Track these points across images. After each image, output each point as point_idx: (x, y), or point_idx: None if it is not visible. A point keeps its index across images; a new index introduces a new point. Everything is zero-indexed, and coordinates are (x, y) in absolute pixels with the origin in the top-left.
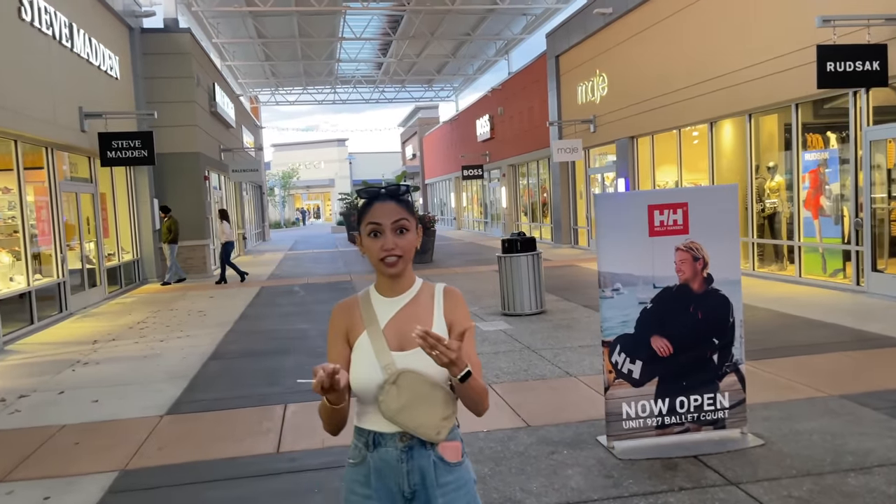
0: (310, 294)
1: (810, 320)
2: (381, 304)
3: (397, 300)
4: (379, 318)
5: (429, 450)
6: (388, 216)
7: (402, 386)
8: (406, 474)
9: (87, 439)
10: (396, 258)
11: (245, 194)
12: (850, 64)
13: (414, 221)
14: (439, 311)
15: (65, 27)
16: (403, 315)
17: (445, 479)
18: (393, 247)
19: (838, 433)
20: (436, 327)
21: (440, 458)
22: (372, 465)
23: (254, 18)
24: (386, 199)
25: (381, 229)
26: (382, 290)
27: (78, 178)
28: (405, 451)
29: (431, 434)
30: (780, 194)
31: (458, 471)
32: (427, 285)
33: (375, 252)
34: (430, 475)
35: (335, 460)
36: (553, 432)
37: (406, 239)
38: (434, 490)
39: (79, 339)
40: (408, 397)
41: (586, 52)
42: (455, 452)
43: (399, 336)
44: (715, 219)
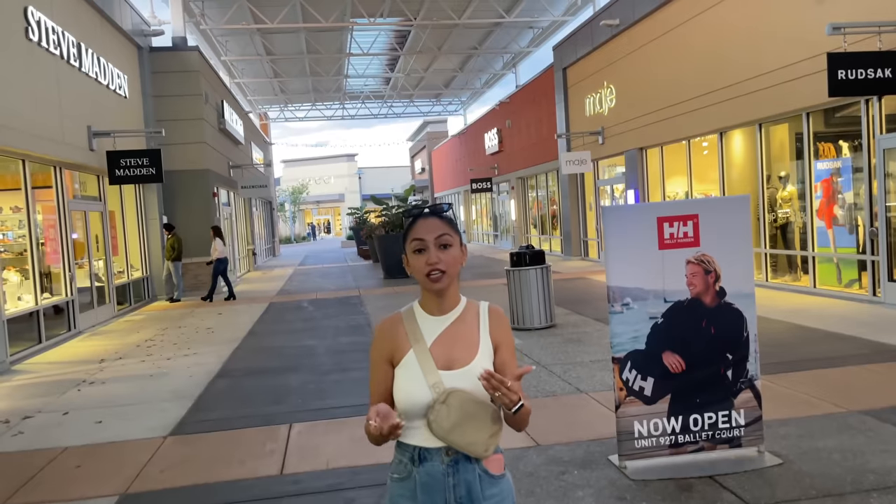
0: (318, 310)
1: (827, 332)
2: (426, 322)
3: (444, 319)
4: (425, 336)
5: (474, 463)
6: (432, 232)
7: (453, 405)
8: (452, 488)
9: (88, 462)
10: (441, 273)
11: (255, 210)
12: (862, 71)
13: (457, 238)
14: (485, 330)
15: (73, 47)
16: (450, 334)
17: (491, 492)
18: (437, 261)
19: (859, 451)
20: (482, 346)
21: (485, 471)
22: (418, 479)
23: (262, 36)
24: (429, 216)
25: (425, 245)
26: (428, 308)
27: (87, 197)
28: (451, 465)
29: (480, 451)
30: (793, 204)
31: (502, 483)
32: (472, 304)
33: (420, 268)
34: (476, 489)
35: (340, 482)
36: (563, 452)
37: (450, 254)
38: (480, 503)
39: (86, 358)
40: (458, 416)
41: (594, 64)
42: (499, 465)
43: (446, 355)
44: (727, 230)
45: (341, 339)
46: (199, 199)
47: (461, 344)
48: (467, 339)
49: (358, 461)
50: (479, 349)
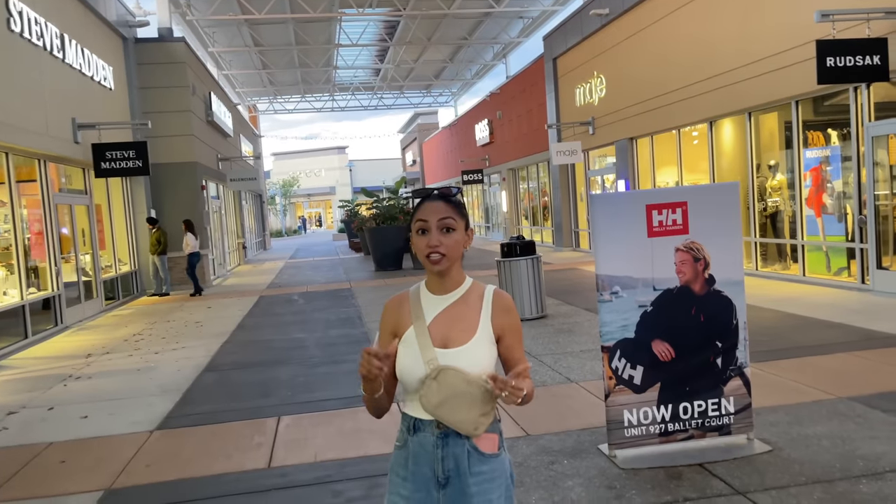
0: (309, 303)
1: (816, 320)
2: (429, 300)
3: (445, 298)
4: (426, 314)
5: (463, 439)
6: (435, 214)
7: (442, 382)
8: (441, 460)
9: (73, 457)
10: (441, 256)
11: (245, 203)
12: (851, 59)
13: (462, 223)
14: (486, 314)
15: (56, 38)
16: (450, 313)
17: (479, 469)
18: (437, 244)
19: (848, 437)
20: (481, 329)
21: (475, 447)
22: (411, 448)
23: (249, 27)
24: (436, 199)
25: (427, 227)
26: (431, 287)
27: (72, 190)
28: (441, 437)
29: (469, 429)
30: (782, 193)
31: (493, 462)
32: (477, 285)
33: (422, 249)
34: (464, 463)
35: (328, 475)
36: (553, 441)
37: (452, 238)
38: (467, 478)
39: (72, 352)
40: (447, 393)
41: (584, 54)
42: (491, 444)
43: (443, 333)
44: (716, 218)
45: (331, 332)
46: (188, 192)
47: (460, 324)
48: (467, 321)
49: (346, 454)
50: (477, 332)
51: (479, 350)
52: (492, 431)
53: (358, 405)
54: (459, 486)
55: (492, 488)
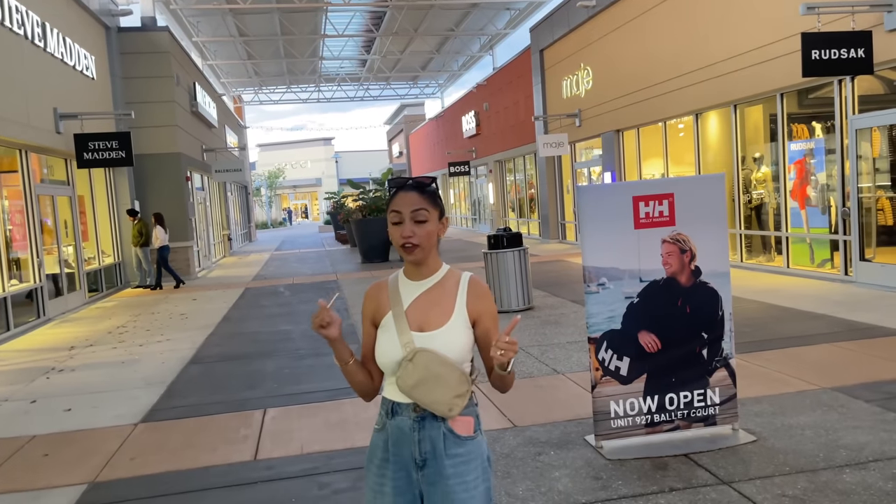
0: (294, 295)
1: (800, 311)
2: (406, 286)
3: (421, 284)
4: (403, 299)
5: (440, 422)
6: (409, 205)
7: (418, 364)
8: (418, 443)
9: (57, 450)
10: (413, 245)
11: (230, 195)
12: (836, 51)
13: (436, 213)
14: (462, 300)
15: (37, 26)
16: (426, 298)
17: (455, 451)
18: (410, 234)
19: (831, 427)
20: (456, 314)
21: (450, 430)
22: (390, 431)
23: (234, 16)
24: (410, 189)
25: (401, 218)
26: (409, 274)
27: (54, 181)
28: (417, 420)
29: (444, 410)
30: (767, 185)
31: (469, 444)
32: (453, 272)
33: (396, 239)
34: (440, 446)
35: (314, 467)
36: (540, 432)
37: (425, 228)
38: (444, 460)
39: (55, 345)
40: (422, 374)
41: (570, 46)
42: (466, 427)
43: (420, 317)
44: (702, 209)
45: None
46: (172, 183)
47: (436, 309)
48: (443, 306)
49: (332, 446)
50: (452, 316)
51: (455, 333)
52: (467, 414)
53: (344, 397)
54: (436, 467)
55: (468, 470)
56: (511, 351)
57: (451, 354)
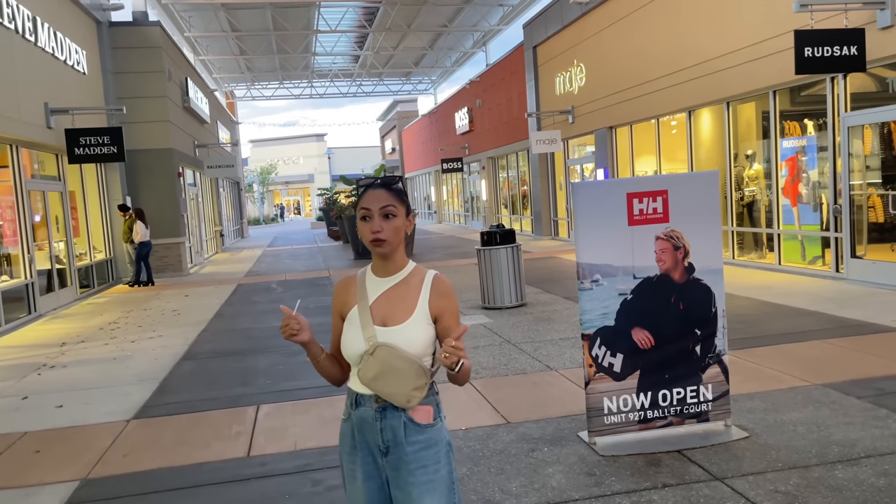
0: (287, 291)
1: (791, 308)
2: (373, 282)
3: (388, 280)
4: (369, 295)
5: (400, 412)
6: (377, 202)
7: (378, 357)
8: (380, 431)
9: (48, 447)
10: (382, 241)
11: (222, 191)
12: (828, 49)
13: (403, 209)
14: (425, 297)
15: (28, 21)
16: (391, 294)
17: (416, 438)
18: (379, 230)
19: (823, 423)
20: (418, 311)
21: (410, 419)
22: (355, 421)
23: (226, 11)
24: (378, 187)
25: (370, 214)
26: (376, 270)
27: (46, 176)
28: (379, 410)
29: (402, 401)
30: (759, 182)
31: (430, 431)
32: (419, 270)
33: (366, 234)
34: (401, 434)
35: (307, 464)
36: (533, 429)
37: (393, 224)
38: (405, 447)
39: (47, 341)
40: (381, 368)
41: (564, 43)
42: (426, 415)
43: (384, 312)
44: (696, 206)
45: (311, 321)
46: (164, 179)
47: (400, 305)
48: (406, 302)
49: (326, 442)
50: (414, 312)
51: (416, 329)
52: (427, 403)
53: (338, 393)
54: (398, 453)
55: (428, 455)
56: (455, 355)
57: (411, 349)
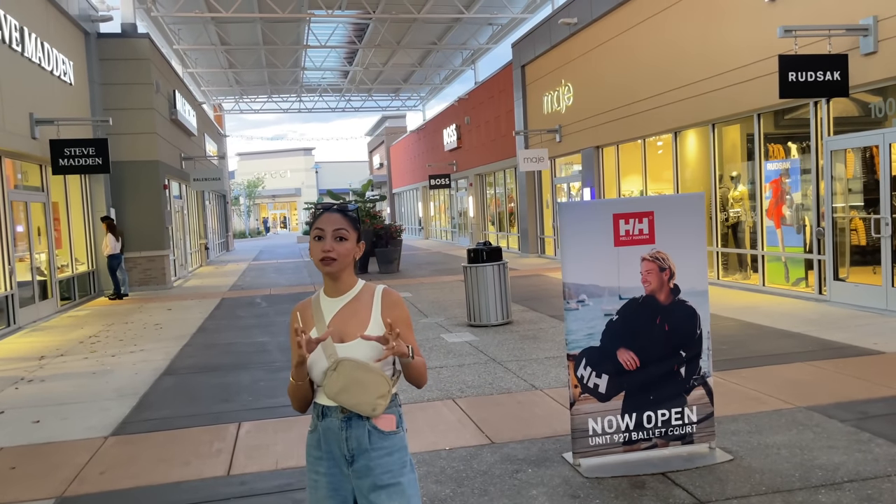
0: (272, 305)
1: (775, 329)
2: (326, 303)
3: (340, 299)
4: (325, 315)
5: (364, 421)
6: (331, 224)
7: (341, 372)
8: (345, 440)
9: (24, 463)
10: (332, 260)
11: (208, 203)
12: (812, 74)
13: (354, 234)
14: (377, 310)
15: (15, 31)
16: (345, 312)
17: (380, 444)
18: (330, 249)
19: (807, 446)
20: (372, 323)
21: (374, 427)
22: (321, 431)
23: (216, 25)
24: (334, 212)
25: (323, 234)
26: (328, 291)
27: (29, 187)
28: (345, 420)
29: (368, 410)
30: (744, 203)
31: (393, 439)
32: (368, 286)
33: (317, 253)
34: (365, 441)
35: (288, 483)
36: (518, 449)
37: (343, 246)
38: (369, 453)
39: (25, 354)
40: (345, 381)
41: (552, 62)
42: (389, 423)
43: (340, 329)
44: (681, 228)
45: None
46: (149, 191)
47: (354, 321)
48: (360, 317)
49: None
50: (368, 325)
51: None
52: (390, 413)
53: None
54: (364, 460)
55: (392, 461)
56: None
57: (369, 360)
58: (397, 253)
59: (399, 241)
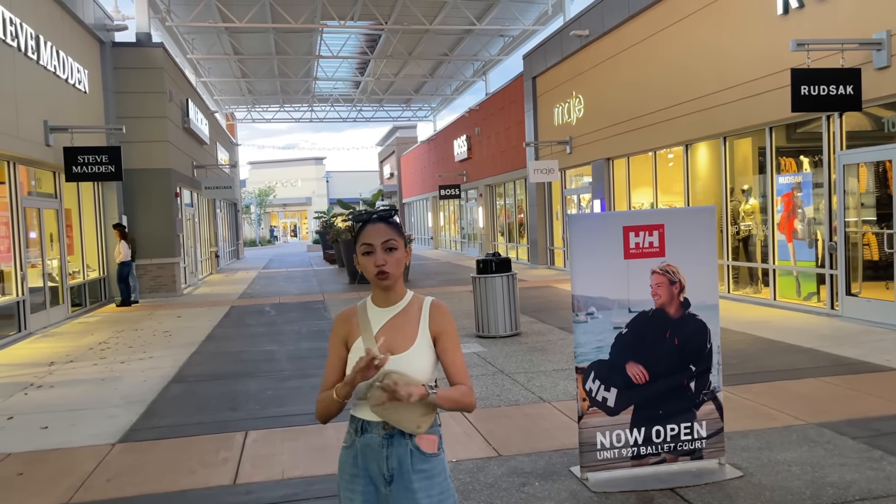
0: (281, 314)
1: (787, 344)
2: (375, 313)
3: (389, 310)
4: (372, 325)
5: (407, 439)
6: (379, 237)
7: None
8: (385, 459)
9: (31, 469)
10: (387, 274)
11: (219, 211)
12: (825, 88)
13: (402, 241)
14: (425, 322)
15: (31, 39)
16: (393, 323)
17: (421, 467)
18: (383, 263)
19: (818, 464)
20: (420, 336)
21: (417, 447)
22: (359, 447)
23: (229, 35)
24: (377, 222)
25: (373, 249)
26: (377, 301)
27: (42, 194)
28: (386, 437)
29: (412, 427)
30: (755, 217)
31: (434, 461)
32: (417, 298)
33: (370, 269)
34: (407, 462)
35: (294, 493)
36: (525, 462)
37: (394, 256)
38: (410, 475)
39: (35, 360)
40: None
41: (563, 74)
42: (431, 444)
43: (389, 341)
44: (692, 241)
45: (303, 345)
46: (161, 198)
47: (402, 333)
48: (408, 329)
49: (314, 471)
50: (416, 339)
51: (420, 356)
52: (432, 433)
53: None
54: (403, 482)
55: (433, 484)
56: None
57: (417, 376)
58: None
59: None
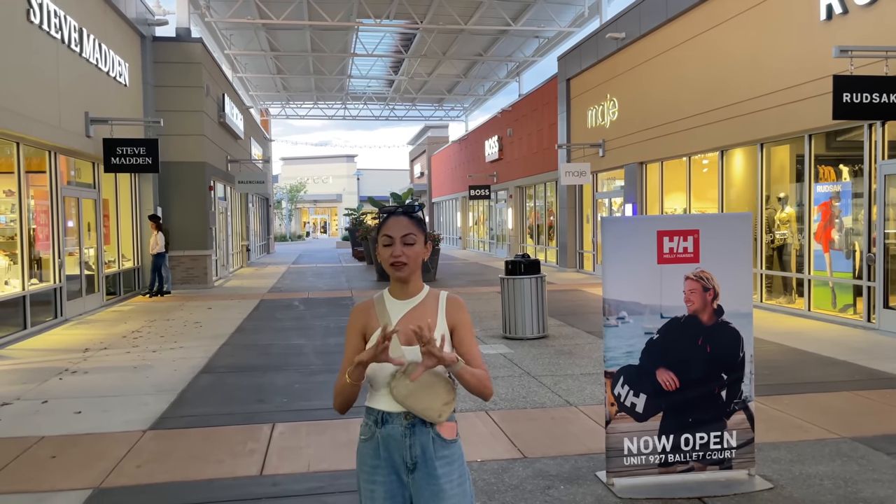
0: (309, 309)
1: (820, 356)
2: (393, 305)
3: (407, 303)
4: (392, 316)
5: (428, 428)
6: (399, 230)
7: None
8: (409, 448)
9: (64, 453)
10: (402, 265)
11: (251, 206)
12: (868, 95)
13: (422, 237)
14: (442, 314)
15: (74, 32)
16: (412, 315)
17: (442, 453)
18: (400, 254)
19: (850, 479)
20: (438, 327)
21: (438, 435)
22: (380, 439)
23: (267, 31)
24: (400, 215)
25: (392, 241)
26: (395, 293)
27: (81, 184)
28: (408, 427)
29: (434, 416)
30: (791, 226)
31: (453, 447)
32: (434, 291)
33: (387, 258)
34: (430, 449)
35: (320, 486)
36: (550, 465)
37: (413, 250)
38: (433, 462)
39: (70, 346)
40: (415, 385)
41: (597, 77)
42: (451, 431)
43: (407, 333)
44: (727, 248)
45: (330, 340)
46: (195, 191)
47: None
48: (426, 321)
49: (339, 465)
50: (435, 330)
51: None
52: (451, 420)
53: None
54: (426, 469)
55: (453, 469)
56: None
57: (439, 366)
58: (434, 262)
59: (437, 249)
